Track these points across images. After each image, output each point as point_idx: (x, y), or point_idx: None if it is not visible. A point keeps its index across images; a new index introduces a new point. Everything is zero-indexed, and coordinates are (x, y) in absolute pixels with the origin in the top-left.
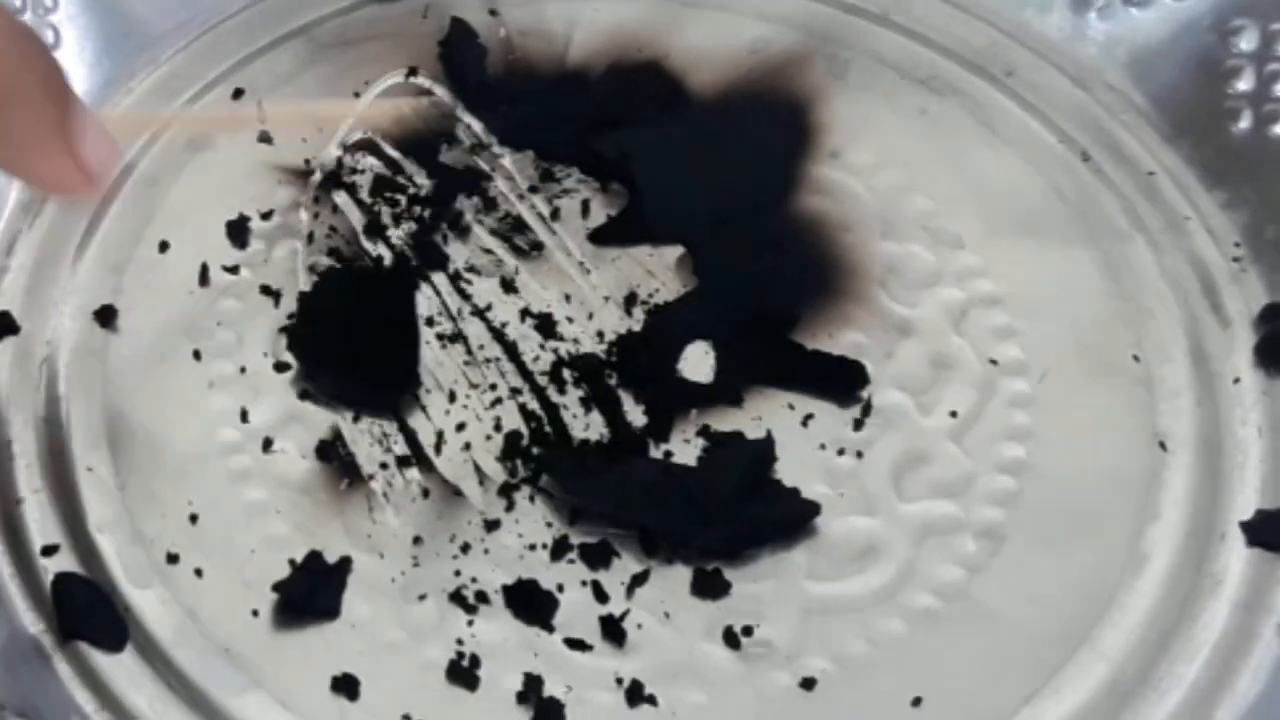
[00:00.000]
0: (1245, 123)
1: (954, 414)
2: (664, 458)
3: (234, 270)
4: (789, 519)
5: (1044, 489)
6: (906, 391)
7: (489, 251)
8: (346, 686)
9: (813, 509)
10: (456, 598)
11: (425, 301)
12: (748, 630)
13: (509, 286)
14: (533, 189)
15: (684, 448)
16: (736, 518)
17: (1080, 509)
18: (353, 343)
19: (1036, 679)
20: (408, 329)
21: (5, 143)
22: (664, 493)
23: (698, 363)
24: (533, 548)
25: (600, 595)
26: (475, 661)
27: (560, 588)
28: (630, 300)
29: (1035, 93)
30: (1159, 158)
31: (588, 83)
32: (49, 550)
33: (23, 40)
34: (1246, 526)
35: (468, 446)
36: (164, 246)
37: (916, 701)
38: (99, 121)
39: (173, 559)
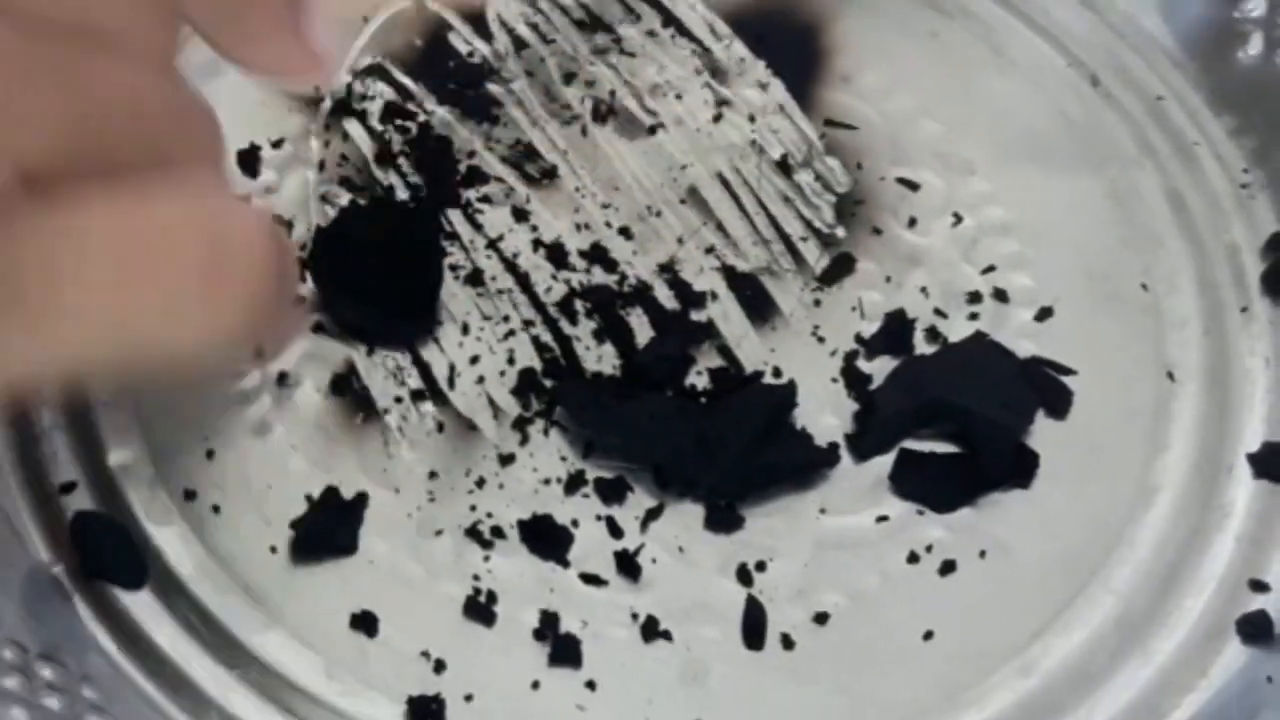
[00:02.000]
0: (1255, 48)
1: None
2: (682, 393)
3: (245, 200)
4: (801, 465)
5: (1052, 421)
6: (916, 322)
7: (500, 179)
8: (365, 623)
9: (826, 457)
10: (472, 533)
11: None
12: (761, 566)
13: (520, 215)
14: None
15: (700, 384)
16: (748, 461)
17: (1089, 441)
18: (374, 274)
19: (1045, 613)
20: (429, 262)
21: (239, 34)
22: (677, 430)
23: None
24: (547, 482)
25: (615, 530)
26: (492, 597)
27: (575, 523)
28: (648, 226)
29: (1044, 14)
30: (1168, 82)
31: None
32: (67, 487)
33: None
34: (1253, 459)
35: (481, 380)
36: None
37: (928, 635)
38: (325, 6)
39: (190, 495)
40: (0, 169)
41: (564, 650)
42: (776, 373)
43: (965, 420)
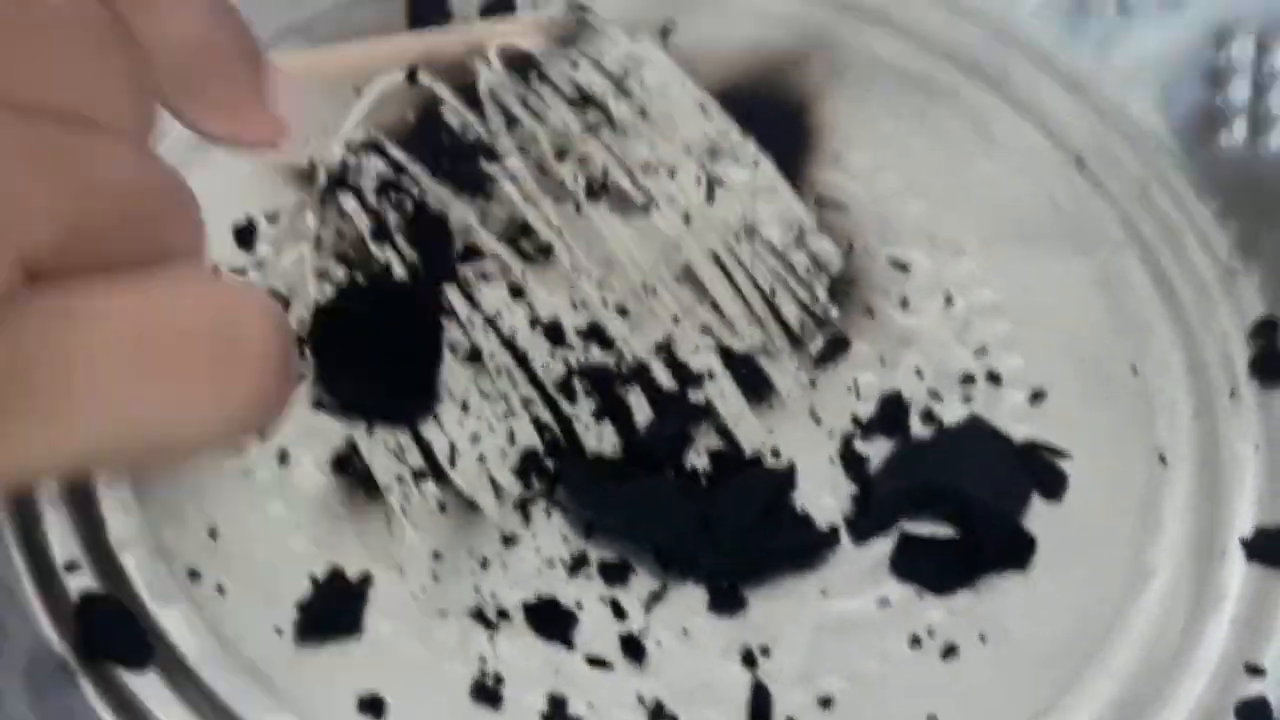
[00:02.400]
0: (1239, 133)
1: None
2: (683, 474)
3: (242, 274)
4: (802, 548)
5: (1047, 504)
6: (910, 403)
7: (495, 256)
8: (372, 706)
9: (826, 539)
10: (477, 615)
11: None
12: (765, 650)
13: (517, 292)
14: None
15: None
16: (749, 543)
17: (1083, 524)
18: (373, 352)
19: (1046, 697)
20: (429, 340)
21: (200, 102)
22: (677, 512)
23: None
24: (551, 563)
25: (619, 612)
26: (499, 680)
27: (579, 605)
28: (644, 305)
29: (1031, 97)
30: (1153, 165)
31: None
32: (71, 567)
33: (218, 7)
34: (1246, 543)
35: (482, 459)
36: None
37: None
38: (287, 77)
39: (194, 575)
40: (2, 263)
41: None
42: (775, 453)
43: (961, 503)
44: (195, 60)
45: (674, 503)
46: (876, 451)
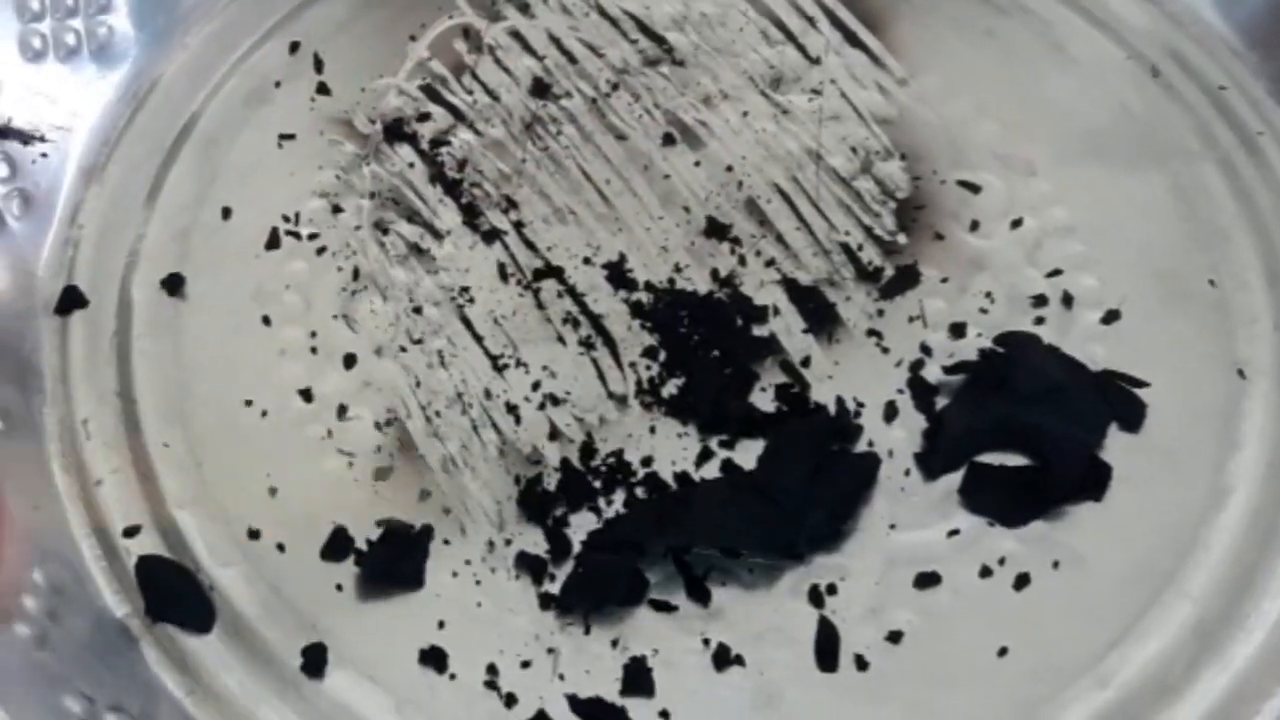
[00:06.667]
0: None
1: None
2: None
3: (297, 238)
4: (861, 482)
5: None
6: (982, 327)
7: (554, 198)
8: (435, 658)
9: (873, 461)
10: (539, 562)
11: (496, 254)
12: (831, 588)
13: (577, 234)
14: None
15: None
16: (814, 503)
17: (1160, 444)
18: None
19: (1121, 622)
20: None
21: None
22: (741, 506)
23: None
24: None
25: (682, 560)
26: (563, 626)
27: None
28: (707, 241)
29: (1102, 7)
30: (1230, 71)
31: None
32: (131, 531)
33: None
34: None
35: (543, 406)
36: (226, 212)
37: (1002, 651)
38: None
39: (254, 534)
40: None
41: (636, 679)
42: (840, 402)
43: (1037, 436)
44: None
45: (732, 500)
46: (946, 381)
